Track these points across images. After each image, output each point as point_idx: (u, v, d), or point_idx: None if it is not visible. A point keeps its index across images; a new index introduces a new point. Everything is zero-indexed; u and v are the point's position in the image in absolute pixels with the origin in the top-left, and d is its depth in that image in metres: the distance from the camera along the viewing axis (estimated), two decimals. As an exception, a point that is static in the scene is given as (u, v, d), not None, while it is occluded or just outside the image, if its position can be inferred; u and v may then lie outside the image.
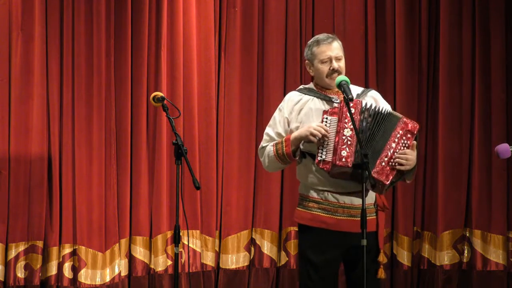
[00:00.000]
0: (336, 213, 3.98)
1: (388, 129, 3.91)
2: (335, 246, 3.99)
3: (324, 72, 4.05)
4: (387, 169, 3.87)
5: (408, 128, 3.93)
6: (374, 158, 3.86)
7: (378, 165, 3.86)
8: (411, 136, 3.93)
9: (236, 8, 5.94)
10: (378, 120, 3.91)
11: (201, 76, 5.88)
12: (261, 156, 4.13)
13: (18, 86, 5.45)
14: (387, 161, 3.87)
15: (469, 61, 6.11)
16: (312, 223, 4.01)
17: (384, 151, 3.88)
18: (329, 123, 3.88)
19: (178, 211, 3.96)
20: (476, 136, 6.07)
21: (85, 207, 5.55)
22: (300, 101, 4.08)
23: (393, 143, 3.90)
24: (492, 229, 6.04)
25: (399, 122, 3.93)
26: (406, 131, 3.92)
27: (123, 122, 5.68)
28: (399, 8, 6.08)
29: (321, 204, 3.99)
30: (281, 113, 4.10)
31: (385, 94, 6.04)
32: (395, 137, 3.91)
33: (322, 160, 3.85)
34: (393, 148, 3.89)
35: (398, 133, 3.91)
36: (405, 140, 3.92)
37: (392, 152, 3.89)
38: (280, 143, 4.02)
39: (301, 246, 4.09)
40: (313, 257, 3.99)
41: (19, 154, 5.45)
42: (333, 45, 4.06)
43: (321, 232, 3.99)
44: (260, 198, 5.96)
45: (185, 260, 5.75)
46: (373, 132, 3.89)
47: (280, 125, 4.08)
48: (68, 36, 5.55)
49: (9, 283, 5.41)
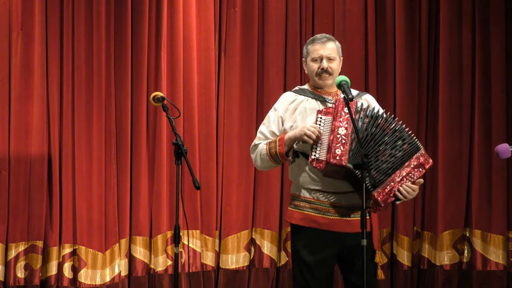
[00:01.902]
0: (328, 212, 3.96)
1: (406, 155, 3.86)
2: (328, 246, 3.97)
3: (314, 70, 4.04)
4: (391, 195, 3.86)
5: (421, 161, 3.89)
6: (381, 179, 3.83)
7: (383, 187, 3.84)
8: (422, 171, 3.89)
9: (236, 8, 5.94)
10: (382, 126, 3.86)
11: (201, 76, 5.88)
12: (252, 154, 4.11)
13: (18, 86, 5.46)
14: (392, 186, 3.85)
15: (469, 61, 6.12)
16: (303, 223, 3.98)
17: (393, 176, 3.85)
18: (323, 122, 3.87)
19: (178, 211, 3.96)
20: (476, 136, 6.07)
21: (85, 207, 5.55)
22: (295, 101, 4.08)
23: (404, 172, 3.86)
24: (492, 229, 6.04)
25: (418, 152, 3.88)
26: (420, 164, 3.89)
27: (123, 122, 5.68)
28: (399, 8, 6.08)
29: (312, 204, 3.97)
30: (275, 112, 4.09)
31: (385, 94, 6.08)
32: (409, 167, 3.87)
33: (316, 158, 3.83)
34: (403, 177, 3.86)
35: (413, 164, 3.88)
36: (415, 173, 3.89)
37: (400, 180, 3.86)
38: (273, 142, 4.00)
39: (294, 246, 4.06)
40: (306, 257, 3.97)
41: (19, 154, 5.45)
42: (327, 45, 4.04)
43: (313, 232, 3.97)
44: (260, 198, 5.96)
45: (185, 260, 5.75)
46: (374, 135, 3.84)
47: (275, 124, 4.07)
48: (68, 36, 5.55)
49: (9, 283, 5.41)
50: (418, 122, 6.08)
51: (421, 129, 6.08)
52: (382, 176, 3.83)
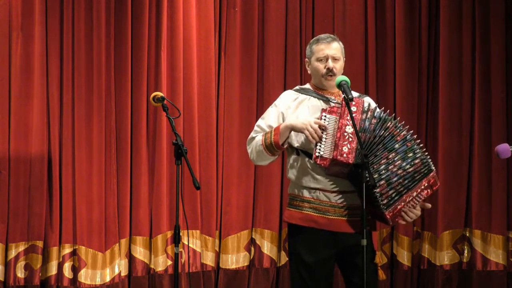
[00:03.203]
0: (328, 212, 3.93)
1: (417, 173, 3.83)
2: (327, 246, 3.95)
3: (320, 70, 4.02)
4: (399, 215, 3.85)
5: (431, 183, 3.87)
6: (394, 199, 3.80)
7: (394, 207, 3.82)
8: (430, 192, 3.88)
9: (236, 8, 5.94)
10: (391, 130, 3.84)
11: (201, 76, 5.88)
12: (248, 147, 4.07)
13: (18, 86, 5.46)
14: (402, 205, 3.83)
15: (469, 62, 6.12)
16: (303, 223, 3.96)
17: (405, 196, 3.83)
18: (328, 121, 3.84)
19: (178, 211, 3.95)
20: (476, 136, 6.08)
21: (85, 207, 5.55)
22: (297, 99, 4.06)
23: (415, 193, 3.84)
24: (492, 229, 6.05)
25: (430, 174, 3.86)
26: (429, 185, 3.87)
27: (123, 122, 5.68)
28: (399, 8, 6.08)
29: (312, 204, 3.95)
30: (276, 108, 4.07)
31: (385, 94, 6.09)
32: (419, 188, 3.85)
33: (320, 156, 3.80)
34: (413, 197, 3.84)
35: (423, 185, 3.85)
36: (423, 193, 3.87)
37: (409, 201, 3.84)
38: (269, 133, 3.97)
39: (293, 246, 4.03)
40: (305, 257, 3.95)
41: (19, 154, 5.45)
42: (332, 45, 4.03)
43: (312, 232, 3.95)
44: (260, 198, 5.96)
45: (185, 260, 5.75)
46: (383, 138, 3.82)
47: (274, 119, 4.03)
48: (68, 36, 5.55)
49: (9, 283, 5.41)
50: (418, 122, 6.08)
51: (421, 129, 6.08)
52: (396, 196, 3.81)
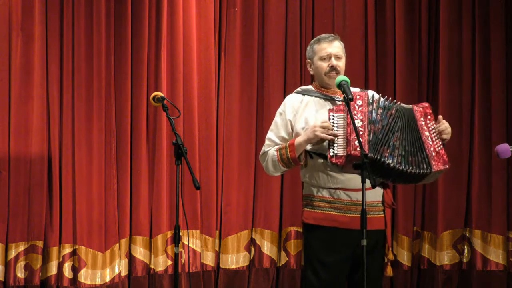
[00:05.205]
0: (349, 211, 3.93)
1: (412, 124, 3.90)
2: (347, 245, 3.93)
3: (323, 69, 4.02)
4: (441, 153, 3.91)
5: (423, 111, 3.95)
6: (420, 155, 3.86)
7: (431, 159, 3.88)
8: (431, 116, 3.96)
9: (236, 8, 5.94)
10: (393, 113, 3.89)
11: (201, 76, 5.88)
12: (263, 161, 4.07)
13: (18, 86, 5.46)
14: (435, 148, 3.90)
15: (469, 61, 6.12)
16: (324, 223, 3.94)
17: (425, 145, 3.89)
18: (336, 120, 3.84)
19: (178, 211, 3.95)
20: (476, 136, 6.08)
21: (85, 207, 5.55)
22: (302, 102, 4.05)
23: (426, 132, 3.92)
24: (492, 229, 6.05)
25: (415, 113, 3.93)
26: (424, 115, 3.94)
27: (123, 122, 5.68)
28: (399, 8, 6.08)
29: (333, 203, 3.94)
30: (282, 116, 4.06)
31: (385, 94, 6.05)
32: (422, 128, 3.91)
33: (335, 155, 3.79)
34: (430, 135, 3.91)
35: (422, 121, 3.93)
36: (430, 122, 3.94)
37: (432, 139, 3.91)
38: (284, 148, 3.96)
39: (311, 247, 4.00)
40: (325, 257, 3.93)
41: (19, 154, 5.45)
42: (334, 44, 4.04)
43: (333, 231, 3.94)
44: (260, 198, 5.96)
45: (185, 260, 5.75)
46: (390, 125, 3.86)
47: (283, 129, 4.03)
48: (68, 36, 5.55)
49: (9, 283, 5.41)
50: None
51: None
52: (424, 154, 3.88)
